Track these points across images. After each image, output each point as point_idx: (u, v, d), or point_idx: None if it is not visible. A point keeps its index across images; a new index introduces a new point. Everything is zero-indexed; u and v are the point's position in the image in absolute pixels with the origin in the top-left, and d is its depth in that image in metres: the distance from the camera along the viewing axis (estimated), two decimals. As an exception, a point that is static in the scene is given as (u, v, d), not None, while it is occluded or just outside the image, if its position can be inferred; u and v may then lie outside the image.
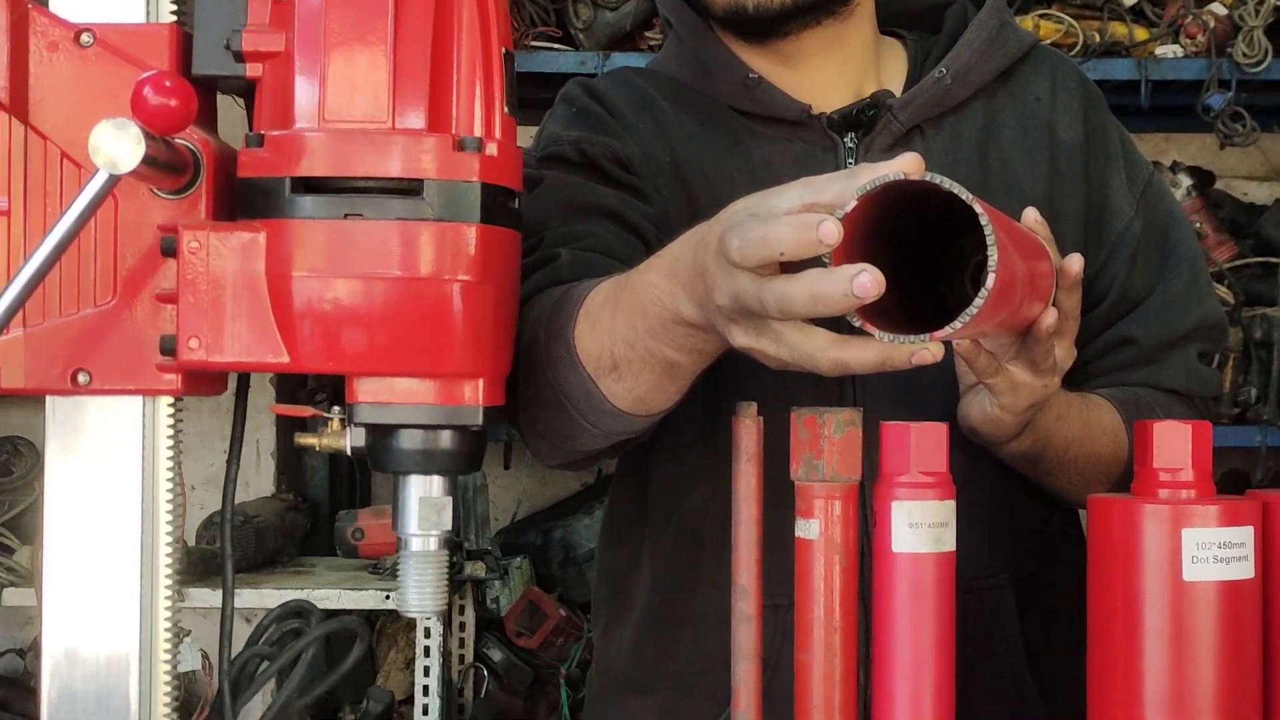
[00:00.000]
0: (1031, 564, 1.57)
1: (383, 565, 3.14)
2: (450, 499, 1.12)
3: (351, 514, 3.37)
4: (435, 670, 3.05)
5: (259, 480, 3.50)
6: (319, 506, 3.57)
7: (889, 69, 1.62)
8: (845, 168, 1.51)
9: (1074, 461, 1.48)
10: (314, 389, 3.23)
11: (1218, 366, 3.28)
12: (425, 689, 3.04)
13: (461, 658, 3.41)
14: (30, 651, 3.45)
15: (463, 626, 3.41)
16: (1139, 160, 1.65)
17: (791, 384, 1.27)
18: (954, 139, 1.57)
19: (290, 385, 3.17)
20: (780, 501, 1.13)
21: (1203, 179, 3.55)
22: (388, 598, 2.92)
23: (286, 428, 3.54)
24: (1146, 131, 3.73)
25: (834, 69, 1.59)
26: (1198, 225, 3.42)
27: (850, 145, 1.55)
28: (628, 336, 1.23)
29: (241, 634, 1.24)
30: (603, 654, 1.68)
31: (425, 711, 3.04)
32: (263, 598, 2.81)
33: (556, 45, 3.39)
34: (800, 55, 1.58)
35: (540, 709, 3.50)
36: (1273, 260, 3.46)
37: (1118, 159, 1.61)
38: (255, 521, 3.00)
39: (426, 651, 3.05)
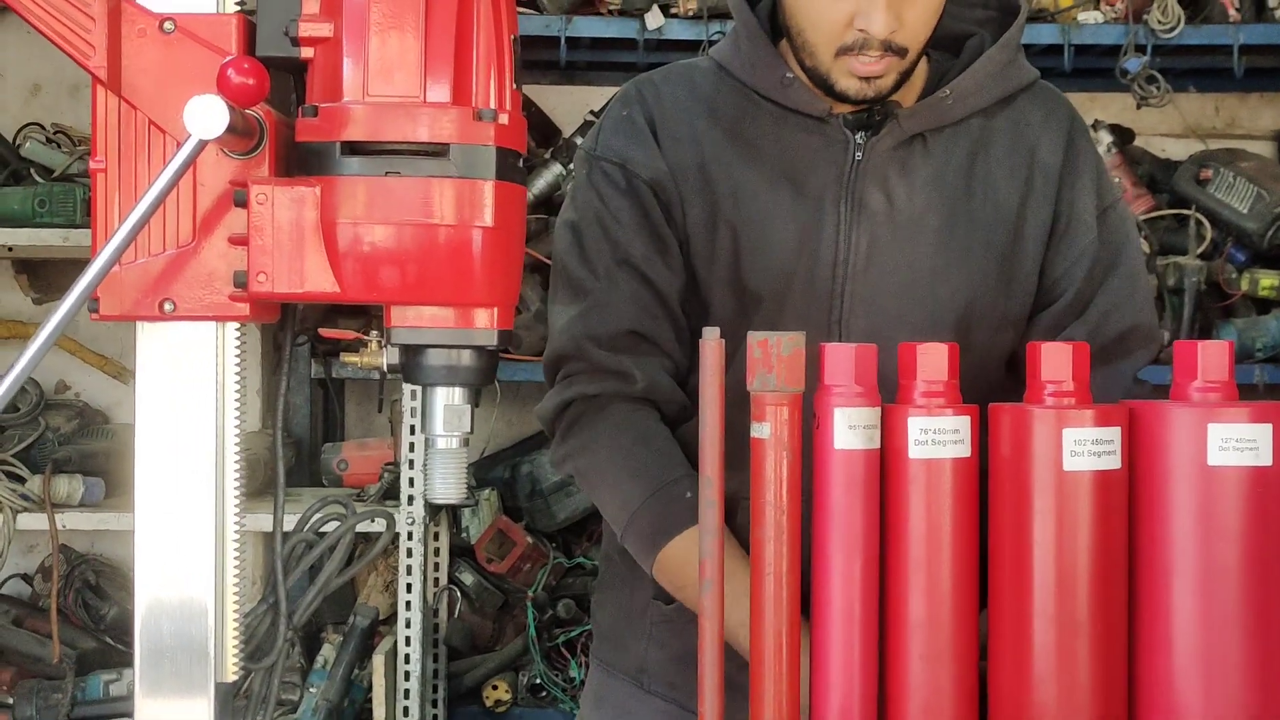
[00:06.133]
0: None
1: (366, 494, 3.36)
2: (469, 406, 1.37)
3: (336, 446, 3.58)
4: (417, 589, 3.28)
5: (247, 417, 3.70)
6: (301, 441, 3.78)
7: (912, 83, 1.88)
8: (854, 160, 1.84)
9: None
10: (297, 332, 3.44)
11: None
12: (408, 604, 3.27)
13: (436, 581, 3.61)
14: (37, 574, 3.67)
15: (437, 552, 3.61)
16: (1110, 187, 1.94)
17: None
18: (949, 149, 1.86)
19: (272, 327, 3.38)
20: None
21: (1123, 136, 3.79)
22: (373, 521, 3.14)
23: (271, 368, 3.75)
24: (1070, 91, 3.95)
25: None
26: (1117, 180, 3.67)
27: (860, 142, 1.84)
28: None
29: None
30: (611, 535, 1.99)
31: (408, 625, 3.27)
32: (259, 522, 3.02)
33: (522, 9, 3.59)
34: None
35: (509, 629, 3.68)
36: (1185, 213, 3.71)
37: (1090, 183, 1.90)
38: (247, 454, 3.21)
39: (409, 570, 3.29)
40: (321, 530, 1.49)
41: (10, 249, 3.56)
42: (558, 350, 1.87)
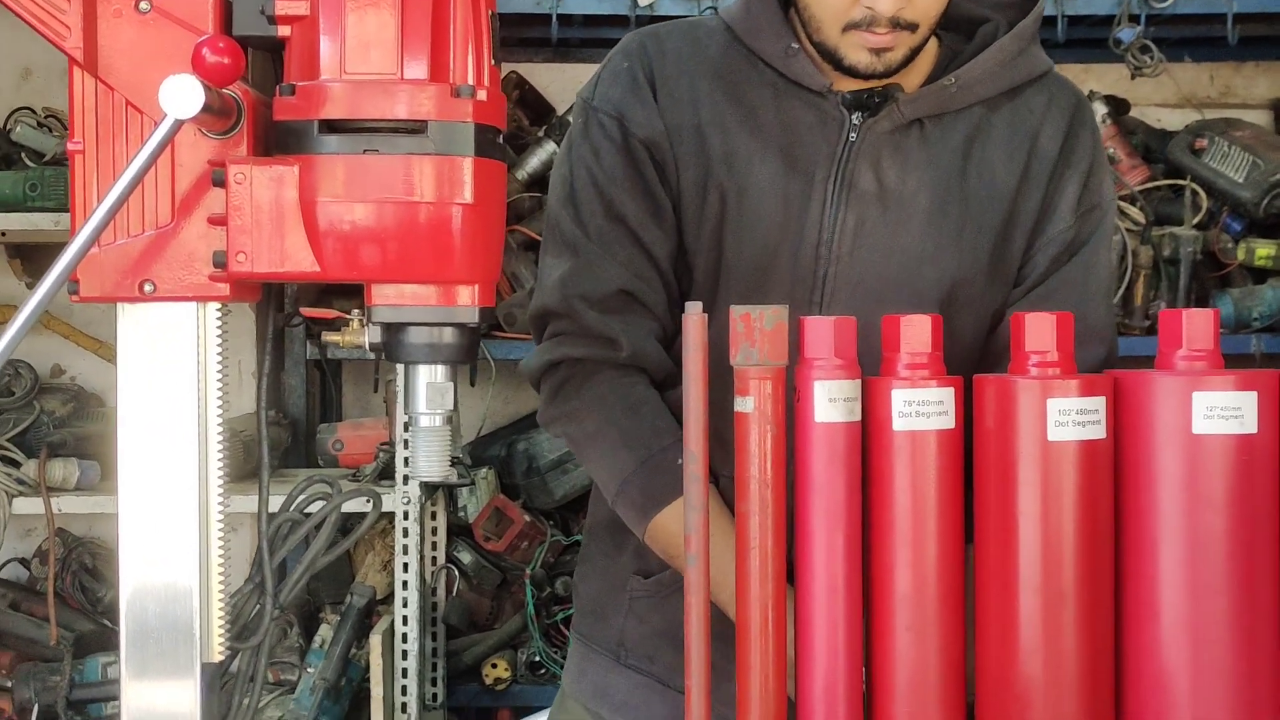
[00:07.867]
0: None
1: (361, 474, 3.36)
2: (452, 384, 1.36)
3: (331, 427, 3.58)
4: (414, 568, 3.29)
5: (241, 399, 3.70)
6: (297, 422, 3.78)
7: (919, 65, 1.84)
8: (848, 140, 1.80)
9: None
10: (291, 313, 3.44)
11: (1129, 284, 3.55)
12: (405, 584, 3.28)
13: (434, 560, 3.61)
14: (35, 559, 3.67)
15: (434, 531, 3.61)
16: (1100, 187, 1.88)
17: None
18: (946, 134, 1.82)
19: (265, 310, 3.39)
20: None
21: (1117, 107, 3.78)
22: (368, 501, 3.14)
23: (263, 349, 3.74)
24: (1064, 63, 3.95)
25: None
26: (1111, 151, 3.65)
27: (856, 122, 1.80)
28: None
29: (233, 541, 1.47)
30: (595, 509, 2.02)
31: (405, 604, 3.28)
32: (251, 503, 3.02)
33: (512, -16, 3.58)
34: None
35: (507, 607, 3.68)
36: (1180, 183, 3.70)
37: (1080, 175, 1.86)
38: (242, 435, 3.22)
39: (405, 550, 3.29)
40: (308, 510, 1.49)
41: (3, 234, 3.57)
42: (547, 305, 1.85)
